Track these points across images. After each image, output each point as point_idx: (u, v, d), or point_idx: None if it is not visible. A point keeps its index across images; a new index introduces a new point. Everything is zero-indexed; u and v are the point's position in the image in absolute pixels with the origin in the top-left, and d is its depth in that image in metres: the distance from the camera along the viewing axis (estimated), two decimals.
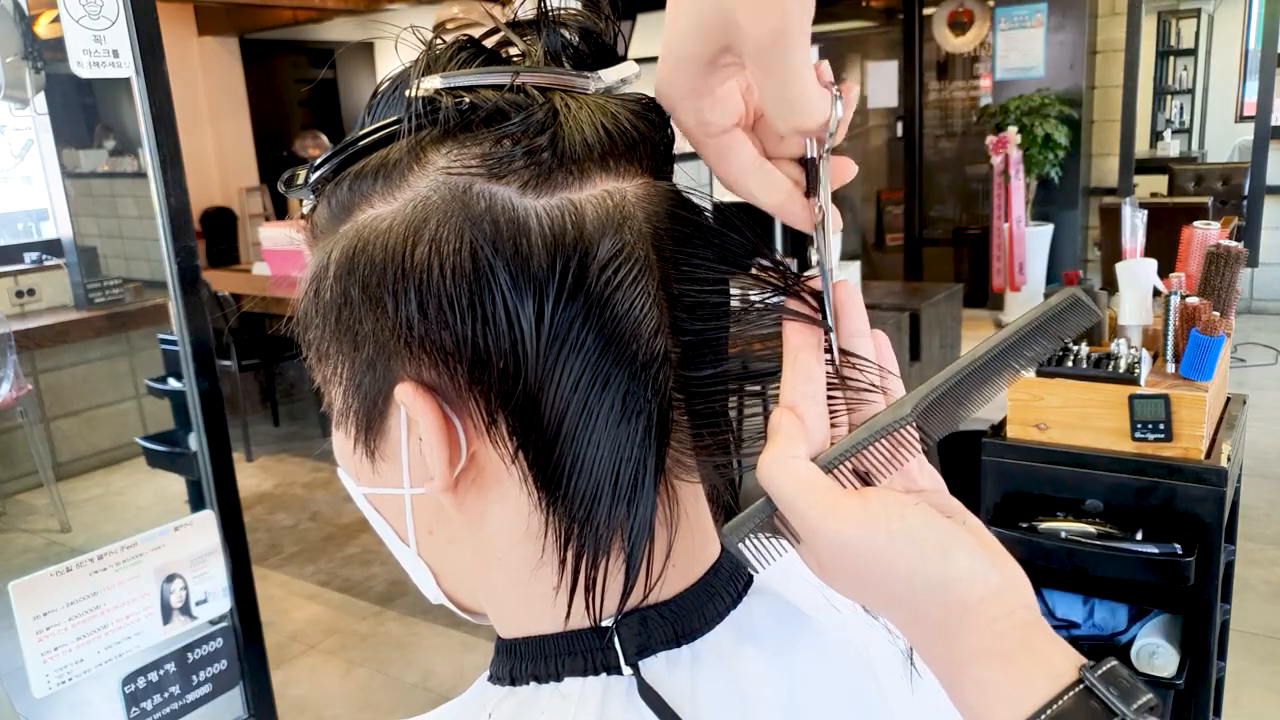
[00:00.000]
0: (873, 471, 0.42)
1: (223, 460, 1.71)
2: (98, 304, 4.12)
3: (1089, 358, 1.85)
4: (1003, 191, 5.81)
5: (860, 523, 0.39)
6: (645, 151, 0.44)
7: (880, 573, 0.39)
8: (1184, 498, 1.74)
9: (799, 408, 0.42)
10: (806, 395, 0.42)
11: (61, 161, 4.40)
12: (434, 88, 0.42)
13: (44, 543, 3.91)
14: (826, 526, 0.39)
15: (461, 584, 0.50)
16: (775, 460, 0.41)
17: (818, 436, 0.42)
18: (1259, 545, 3.25)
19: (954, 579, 0.38)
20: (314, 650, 3.05)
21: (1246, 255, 1.89)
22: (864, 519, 0.39)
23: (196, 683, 1.70)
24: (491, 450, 0.43)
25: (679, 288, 0.43)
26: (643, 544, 0.42)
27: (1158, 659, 1.81)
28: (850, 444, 0.41)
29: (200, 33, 7.30)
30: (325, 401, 0.48)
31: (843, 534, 0.39)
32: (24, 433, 3.95)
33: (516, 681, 0.47)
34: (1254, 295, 6.44)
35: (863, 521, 0.39)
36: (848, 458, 0.41)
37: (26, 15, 1.59)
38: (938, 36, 6.69)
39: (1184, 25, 7.88)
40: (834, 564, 0.40)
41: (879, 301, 3.54)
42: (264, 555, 3.67)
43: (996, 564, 0.39)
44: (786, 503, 0.40)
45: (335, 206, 0.44)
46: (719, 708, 0.45)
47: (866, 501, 0.40)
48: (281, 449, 4.98)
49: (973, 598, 0.38)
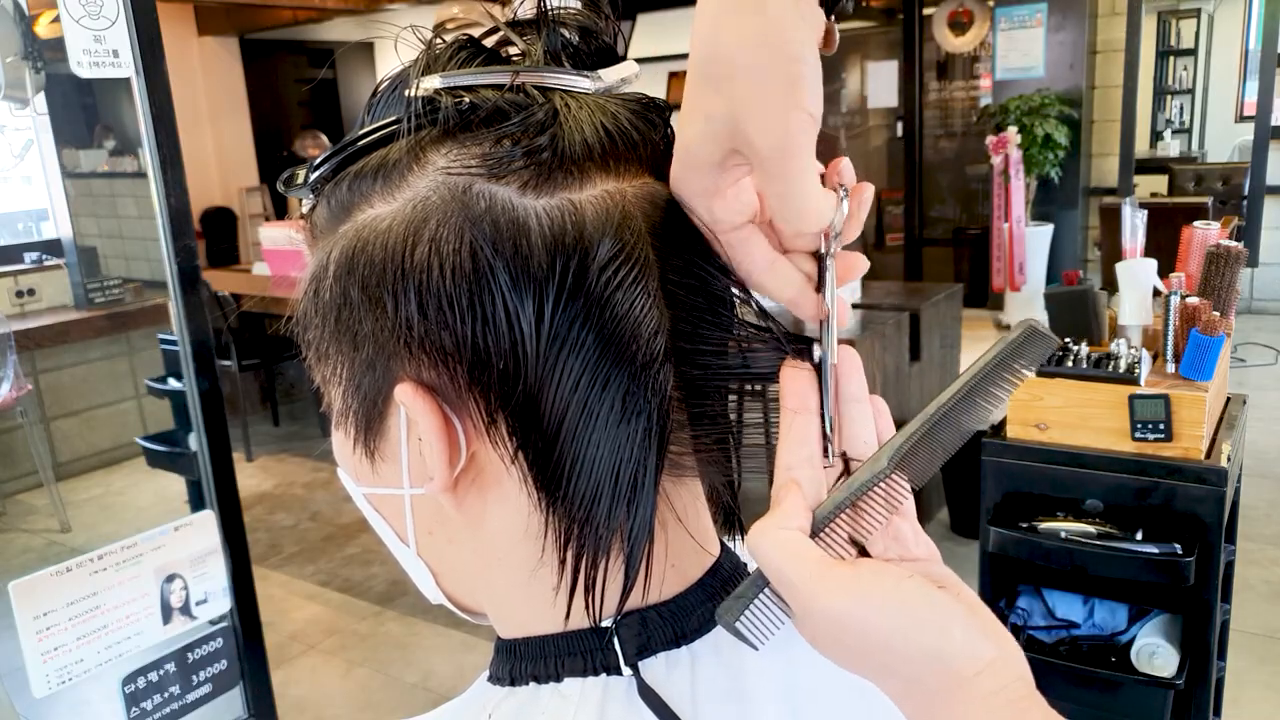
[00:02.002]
0: (862, 531, 0.41)
1: (223, 460, 1.71)
2: (98, 304, 4.12)
3: (1089, 358, 1.85)
4: (1003, 191, 5.81)
5: (852, 594, 0.39)
6: (645, 151, 0.44)
7: (874, 644, 0.38)
8: (1184, 498, 1.74)
9: (794, 472, 0.42)
10: (803, 460, 0.42)
11: (61, 161, 4.41)
12: (434, 87, 0.42)
13: (44, 543, 3.91)
14: (818, 599, 0.39)
15: (461, 584, 0.50)
16: (764, 531, 0.40)
17: (814, 503, 0.42)
18: (1259, 545, 3.25)
19: (949, 652, 0.38)
20: (314, 650, 3.05)
21: (1246, 255, 1.89)
22: (856, 590, 0.39)
23: (196, 683, 1.70)
24: (491, 450, 0.43)
25: (679, 288, 0.43)
26: (642, 544, 0.42)
27: (1158, 659, 1.81)
28: (833, 506, 0.41)
29: (200, 33, 7.31)
30: (325, 402, 0.48)
31: (835, 606, 0.39)
32: (24, 433, 3.95)
33: (516, 682, 0.47)
34: (1254, 295, 6.44)
35: (855, 593, 0.39)
36: (832, 520, 0.41)
37: (26, 15, 1.59)
38: (938, 36, 6.69)
39: (1184, 25, 7.88)
40: (827, 636, 0.40)
41: (879, 302, 3.53)
42: (264, 555, 3.67)
43: (991, 636, 0.39)
44: (776, 575, 0.40)
45: (335, 206, 0.44)
46: (718, 708, 0.45)
47: (859, 572, 0.39)
48: (281, 449, 4.98)
49: (968, 670, 0.38)
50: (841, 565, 0.40)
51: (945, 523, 3.54)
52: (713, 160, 0.41)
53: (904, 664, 0.38)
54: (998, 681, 0.38)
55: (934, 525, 3.56)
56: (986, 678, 0.38)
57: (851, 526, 0.42)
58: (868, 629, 0.38)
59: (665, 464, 0.43)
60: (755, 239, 0.44)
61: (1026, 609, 1.99)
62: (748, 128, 0.39)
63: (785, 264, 0.44)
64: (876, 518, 0.41)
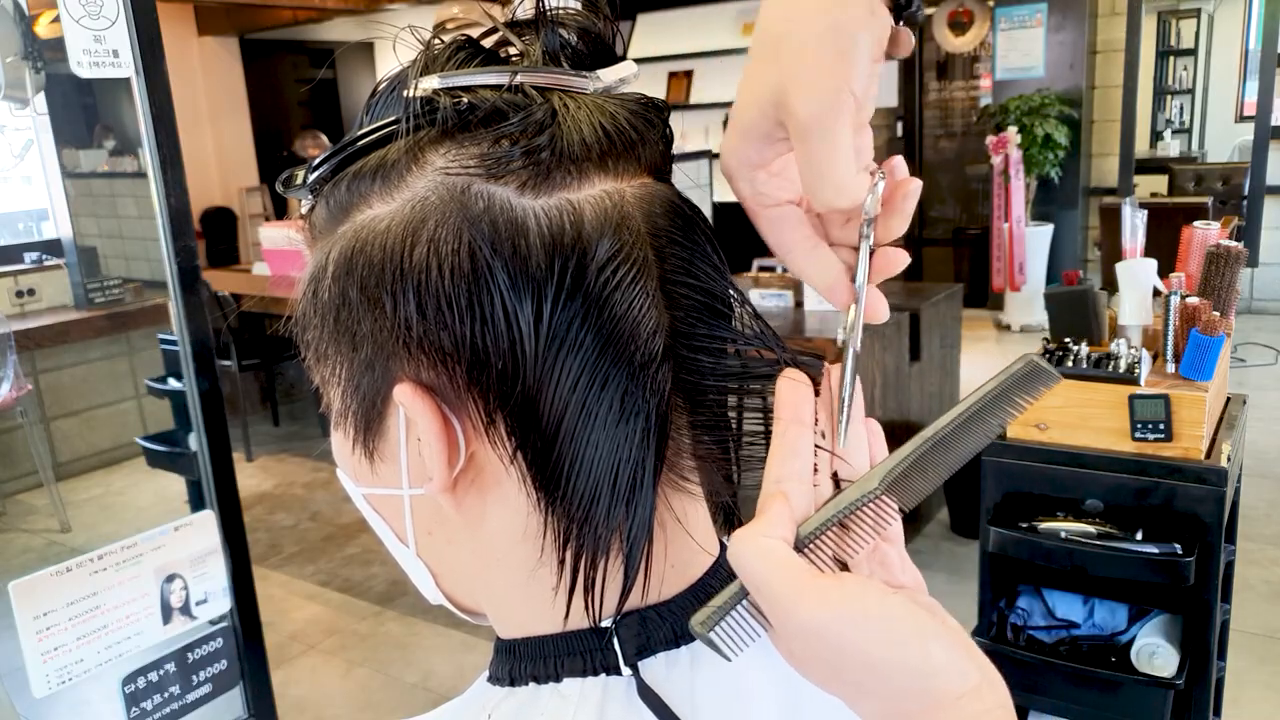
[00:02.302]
0: (847, 550, 0.41)
1: (223, 460, 1.71)
2: (98, 304, 4.12)
3: (1089, 358, 1.85)
4: (1003, 191, 5.81)
5: (835, 605, 0.37)
6: (644, 152, 0.44)
7: (853, 660, 0.37)
8: (1184, 498, 1.74)
9: (783, 484, 0.41)
10: (793, 472, 0.41)
11: (61, 161, 4.40)
12: (432, 88, 0.42)
13: (44, 543, 3.91)
14: (798, 610, 0.37)
15: (460, 584, 0.50)
16: (746, 539, 0.39)
17: (801, 516, 0.41)
18: (1259, 545, 3.25)
19: (932, 671, 0.37)
20: (314, 650, 3.05)
21: (1246, 255, 1.89)
22: (839, 601, 0.37)
23: (196, 683, 1.70)
24: (490, 451, 0.43)
25: (677, 289, 0.43)
26: (642, 544, 0.42)
27: (1158, 659, 1.81)
28: (819, 522, 0.40)
29: (200, 33, 7.31)
30: (324, 402, 0.48)
31: (816, 618, 0.37)
32: (24, 433, 3.95)
33: (516, 682, 0.47)
34: (1254, 295, 6.44)
35: (838, 604, 0.37)
36: (817, 536, 0.40)
37: (26, 15, 1.59)
38: (938, 36, 6.69)
39: (1184, 25, 7.87)
40: (805, 650, 0.38)
41: None
42: (264, 555, 3.67)
43: (975, 660, 0.38)
44: (757, 584, 0.38)
45: (334, 207, 0.44)
46: (718, 708, 0.45)
47: (841, 585, 0.38)
48: (281, 449, 4.98)
49: (950, 693, 0.37)
50: (823, 577, 0.38)
51: (945, 522, 3.54)
52: (760, 130, 0.43)
53: (883, 683, 0.37)
54: (981, 705, 0.37)
55: (934, 525, 3.56)
56: (969, 701, 0.37)
57: (837, 545, 0.40)
58: (847, 642, 0.37)
59: (664, 464, 0.43)
60: (797, 220, 0.45)
61: (1026, 609, 1.99)
62: (791, 95, 0.40)
63: (826, 251, 0.45)
64: (863, 538, 0.41)
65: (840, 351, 0.44)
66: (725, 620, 0.40)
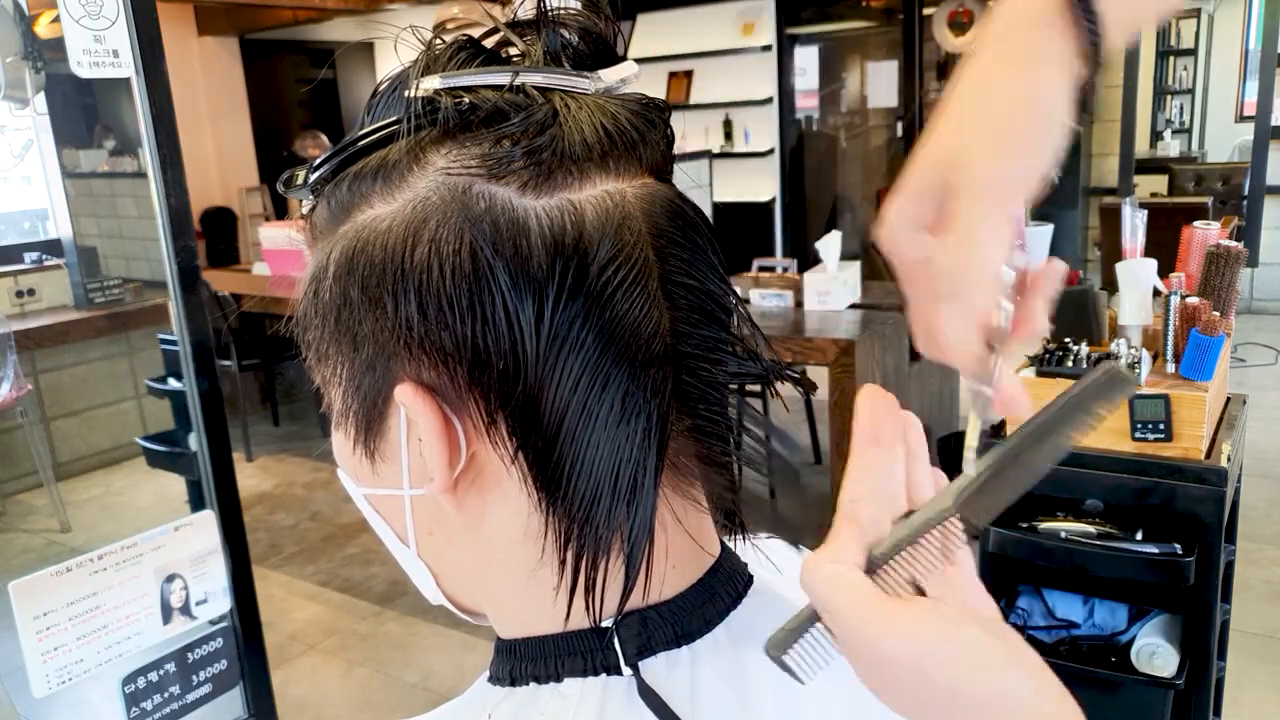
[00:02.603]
0: (919, 571, 0.39)
1: (223, 460, 1.71)
2: (98, 304, 4.12)
3: (1089, 358, 1.85)
4: None
5: (905, 629, 0.37)
6: (645, 152, 0.44)
7: (926, 683, 0.36)
8: (1184, 498, 1.74)
9: (856, 505, 0.40)
10: (867, 493, 0.40)
11: (61, 161, 4.40)
12: (433, 88, 0.42)
13: (44, 543, 3.91)
14: (867, 635, 0.37)
15: (461, 585, 0.50)
16: (817, 565, 0.38)
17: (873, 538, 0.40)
18: (1259, 545, 3.25)
19: (1005, 696, 0.36)
20: (314, 650, 3.05)
21: (1246, 255, 1.89)
22: (909, 625, 0.37)
23: (196, 683, 1.70)
24: (491, 451, 0.43)
25: (678, 289, 0.43)
26: (642, 544, 0.42)
27: (1158, 659, 1.81)
28: (892, 544, 0.39)
29: (200, 33, 7.30)
30: (325, 402, 0.48)
31: (884, 644, 0.37)
32: (24, 433, 3.95)
33: (516, 682, 0.47)
34: (1254, 295, 6.44)
35: (908, 628, 0.37)
36: (890, 559, 0.39)
37: (26, 15, 1.59)
38: (938, 36, 6.69)
39: (1184, 25, 7.87)
40: (874, 674, 0.38)
41: (879, 301, 3.53)
42: (264, 555, 3.67)
43: (1049, 689, 0.37)
44: (827, 609, 0.38)
45: (334, 207, 0.44)
46: (718, 708, 0.45)
47: (911, 610, 0.37)
48: (281, 449, 4.98)
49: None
50: (893, 602, 0.38)
51: None
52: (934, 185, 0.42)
53: (950, 701, 0.36)
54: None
55: None
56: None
57: (909, 567, 0.39)
58: (918, 665, 0.36)
59: (665, 464, 0.43)
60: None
61: (1026, 609, 1.99)
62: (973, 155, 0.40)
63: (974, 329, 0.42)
64: (934, 561, 0.40)
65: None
66: (798, 643, 0.39)
